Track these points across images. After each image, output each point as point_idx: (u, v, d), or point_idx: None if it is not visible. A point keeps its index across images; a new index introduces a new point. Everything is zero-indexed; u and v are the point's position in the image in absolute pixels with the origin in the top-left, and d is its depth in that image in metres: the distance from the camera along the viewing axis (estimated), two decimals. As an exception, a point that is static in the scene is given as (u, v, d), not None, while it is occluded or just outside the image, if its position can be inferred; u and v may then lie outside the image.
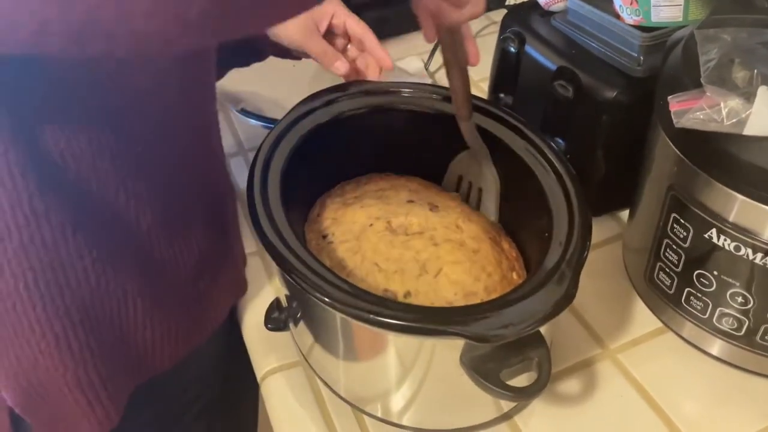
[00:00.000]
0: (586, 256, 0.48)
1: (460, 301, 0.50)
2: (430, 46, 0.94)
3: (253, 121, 0.80)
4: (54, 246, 0.42)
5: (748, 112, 0.43)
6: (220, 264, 0.58)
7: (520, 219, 0.58)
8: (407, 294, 0.51)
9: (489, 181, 0.57)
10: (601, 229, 0.70)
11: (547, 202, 0.51)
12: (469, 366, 0.45)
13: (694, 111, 0.45)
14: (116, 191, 0.44)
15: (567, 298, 0.44)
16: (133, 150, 0.45)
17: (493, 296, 0.50)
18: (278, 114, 0.79)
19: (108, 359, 0.48)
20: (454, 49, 0.53)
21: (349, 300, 0.44)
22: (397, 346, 0.47)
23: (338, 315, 0.46)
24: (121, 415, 0.50)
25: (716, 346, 0.57)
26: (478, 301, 0.50)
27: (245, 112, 0.80)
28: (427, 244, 0.53)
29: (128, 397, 0.52)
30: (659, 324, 0.61)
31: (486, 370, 0.44)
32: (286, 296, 0.54)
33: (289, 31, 0.61)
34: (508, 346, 0.44)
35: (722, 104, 0.44)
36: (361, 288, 0.45)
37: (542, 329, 0.45)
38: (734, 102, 0.44)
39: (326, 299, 0.44)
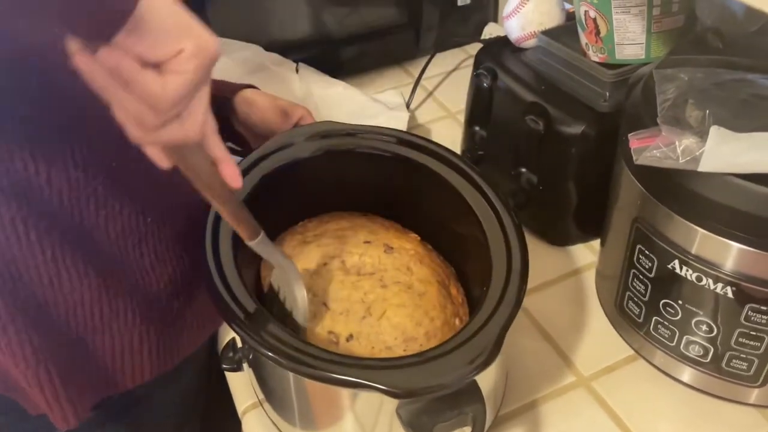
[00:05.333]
0: (513, 318, 0.47)
1: (399, 346, 0.51)
2: (412, 81, 0.96)
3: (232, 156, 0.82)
4: (6, 240, 0.44)
5: (701, 150, 0.45)
6: (199, 288, 0.59)
7: (466, 266, 0.59)
8: (350, 337, 0.51)
9: (297, 301, 0.52)
10: (575, 257, 0.72)
11: (489, 254, 0.51)
12: (404, 419, 0.45)
13: (651, 149, 0.47)
14: (87, 200, 0.46)
15: (484, 363, 0.44)
16: (109, 162, 0.46)
17: (433, 342, 0.51)
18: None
19: (66, 362, 0.49)
20: (201, 171, 0.41)
21: (277, 346, 0.44)
22: (330, 393, 0.48)
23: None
24: (81, 420, 0.51)
25: (686, 374, 0.58)
26: (417, 346, 0.51)
27: (226, 148, 0.82)
28: (375, 286, 0.54)
29: (95, 410, 0.52)
30: (631, 351, 0.62)
31: (420, 423, 0.44)
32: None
33: (264, 115, 0.66)
34: (443, 399, 0.45)
35: (677, 142, 0.46)
36: (292, 333, 0.46)
37: (484, 378, 0.45)
38: (689, 140, 0.46)
39: (246, 336, 0.45)
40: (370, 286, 0.54)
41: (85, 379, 0.51)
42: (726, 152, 0.45)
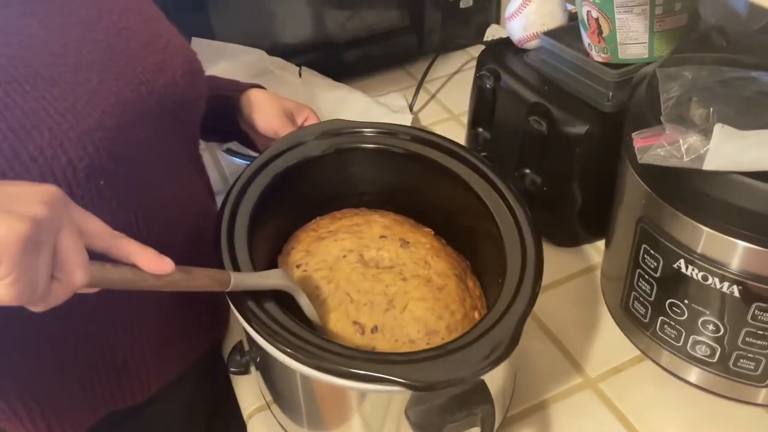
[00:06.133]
0: (530, 311, 0.47)
1: (422, 340, 0.51)
2: (415, 84, 0.96)
3: (238, 160, 0.82)
4: None
5: (705, 149, 0.45)
6: (201, 295, 0.58)
7: (479, 260, 0.59)
8: (375, 328, 0.52)
9: (304, 309, 0.52)
10: (581, 258, 0.72)
11: (503, 247, 0.52)
12: (413, 420, 0.45)
13: (655, 147, 0.46)
14: None
15: (502, 356, 0.43)
16: (95, 183, 0.46)
17: (454, 336, 0.51)
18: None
19: (62, 386, 0.49)
20: (125, 280, 0.40)
21: (297, 343, 0.44)
22: (339, 394, 0.48)
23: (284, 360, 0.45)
24: None
25: (693, 374, 0.58)
26: (440, 339, 0.51)
27: (231, 152, 0.82)
28: (396, 279, 0.54)
29: (99, 420, 0.52)
30: (638, 352, 0.62)
31: (429, 424, 0.44)
32: (247, 339, 0.55)
33: (268, 117, 0.66)
34: (452, 400, 0.45)
35: (681, 141, 0.46)
36: (309, 330, 0.46)
37: (493, 378, 0.45)
38: (693, 139, 0.45)
39: (266, 335, 0.45)
40: (391, 279, 0.54)
41: (83, 400, 0.51)
42: (731, 150, 0.44)
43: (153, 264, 0.40)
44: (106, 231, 0.38)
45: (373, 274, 0.55)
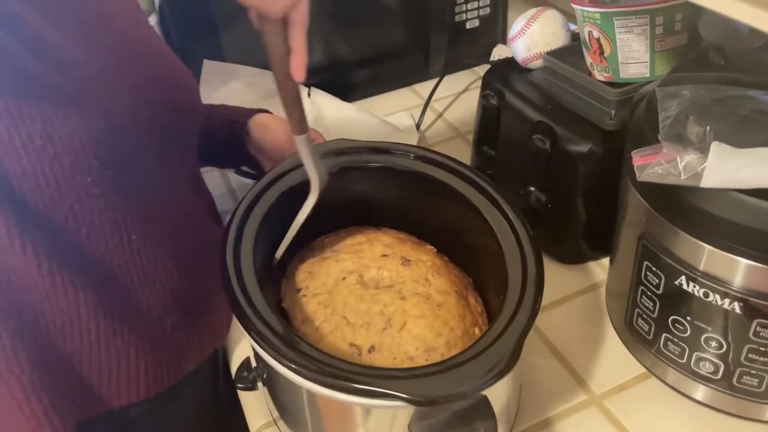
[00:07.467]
0: (530, 326, 0.48)
1: (421, 357, 0.52)
2: (422, 103, 0.98)
3: (248, 180, 0.83)
4: (3, 251, 0.46)
5: (702, 166, 0.45)
6: (194, 306, 0.59)
7: (482, 276, 0.60)
8: (371, 348, 0.52)
9: (303, 209, 0.57)
10: (586, 275, 0.72)
11: (504, 264, 0.52)
12: None
13: (653, 165, 0.47)
14: (65, 216, 0.48)
15: (503, 371, 0.44)
16: (82, 179, 0.48)
17: (454, 351, 0.52)
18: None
19: (58, 375, 0.50)
20: (275, 49, 0.48)
21: (300, 359, 0.45)
22: (343, 409, 0.49)
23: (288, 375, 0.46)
24: None
25: (699, 391, 0.57)
26: (439, 356, 0.52)
27: (240, 171, 0.84)
28: (395, 298, 0.55)
29: (85, 425, 0.53)
30: (643, 369, 0.62)
31: None
32: (254, 355, 0.55)
33: (275, 139, 0.69)
34: (455, 415, 0.45)
35: (678, 159, 0.46)
36: (311, 346, 0.47)
37: (496, 394, 0.46)
38: (690, 157, 0.46)
39: (270, 350, 0.46)
40: (390, 299, 0.55)
41: (75, 395, 0.52)
42: (728, 168, 0.45)
43: (300, 65, 0.48)
44: (306, 19, 0.46)
45: (372, 295, 0.55)
